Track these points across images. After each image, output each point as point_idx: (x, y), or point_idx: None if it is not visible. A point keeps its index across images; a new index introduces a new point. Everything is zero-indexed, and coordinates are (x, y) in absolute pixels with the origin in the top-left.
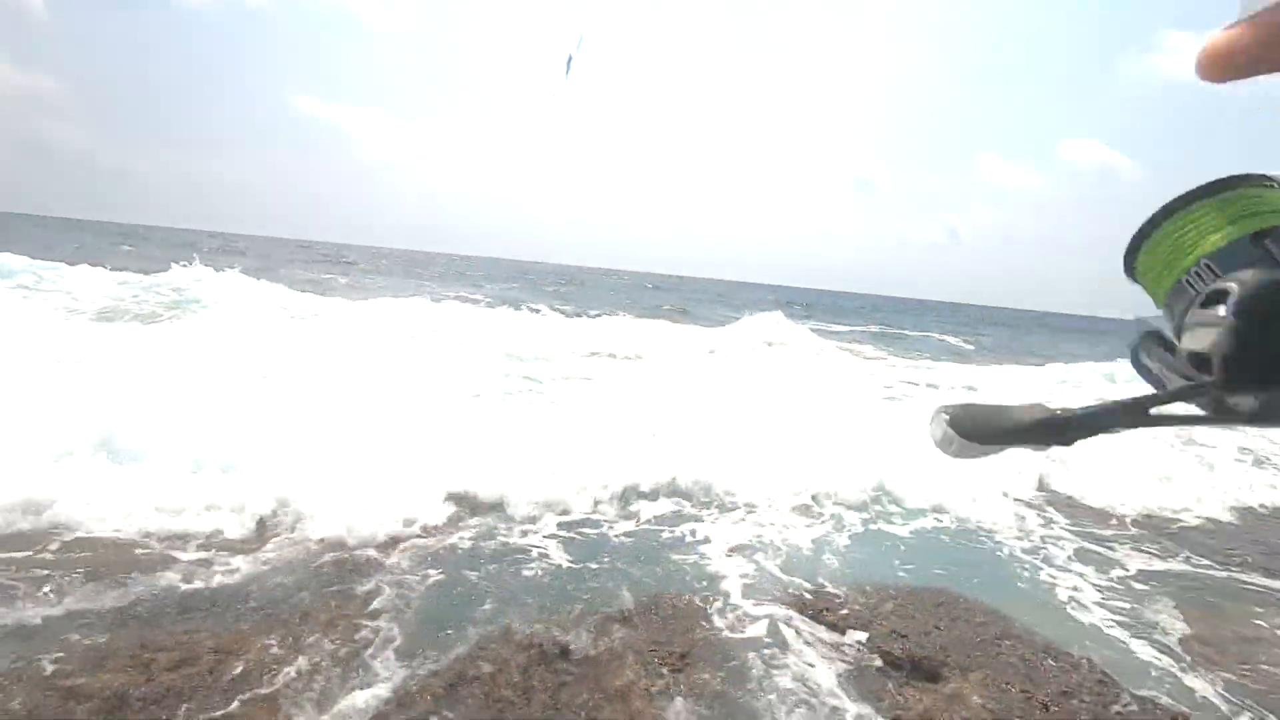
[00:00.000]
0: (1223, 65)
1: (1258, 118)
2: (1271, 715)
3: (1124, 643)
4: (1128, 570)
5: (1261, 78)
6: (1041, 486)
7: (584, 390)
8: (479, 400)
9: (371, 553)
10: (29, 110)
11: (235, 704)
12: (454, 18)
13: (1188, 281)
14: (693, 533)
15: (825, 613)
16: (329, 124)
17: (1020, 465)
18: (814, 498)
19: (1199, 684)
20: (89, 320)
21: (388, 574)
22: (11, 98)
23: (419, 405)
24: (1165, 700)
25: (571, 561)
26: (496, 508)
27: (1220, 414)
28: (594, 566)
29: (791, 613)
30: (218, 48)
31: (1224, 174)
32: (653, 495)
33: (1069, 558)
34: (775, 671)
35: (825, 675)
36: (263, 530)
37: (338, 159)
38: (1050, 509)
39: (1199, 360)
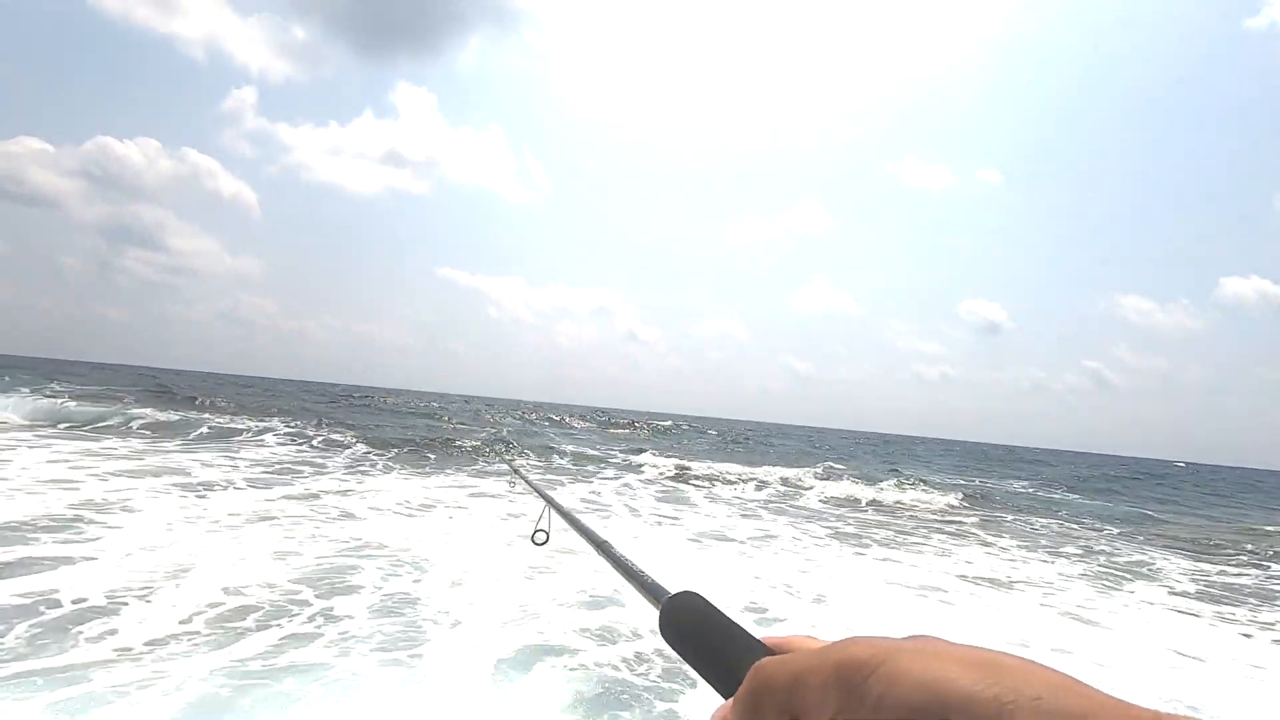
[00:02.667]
0: None
1: None
2: None
3: None
4: None
5: None
6: None
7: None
8: None
9: None
10: (235, 287)
11: None
12: (578, 189)
13: None
14: None
15: None
16: (469, 289)
17: None
18: None
19: None
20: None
21: None
22: (223, 277)
23: None
24: None
25: None
26: None
27: None
28: None
29: None
30: (383, 229)
31: None
32: None
33: None
34: None
35: None
36: None
37: (476, 321)
38: None
39: None
